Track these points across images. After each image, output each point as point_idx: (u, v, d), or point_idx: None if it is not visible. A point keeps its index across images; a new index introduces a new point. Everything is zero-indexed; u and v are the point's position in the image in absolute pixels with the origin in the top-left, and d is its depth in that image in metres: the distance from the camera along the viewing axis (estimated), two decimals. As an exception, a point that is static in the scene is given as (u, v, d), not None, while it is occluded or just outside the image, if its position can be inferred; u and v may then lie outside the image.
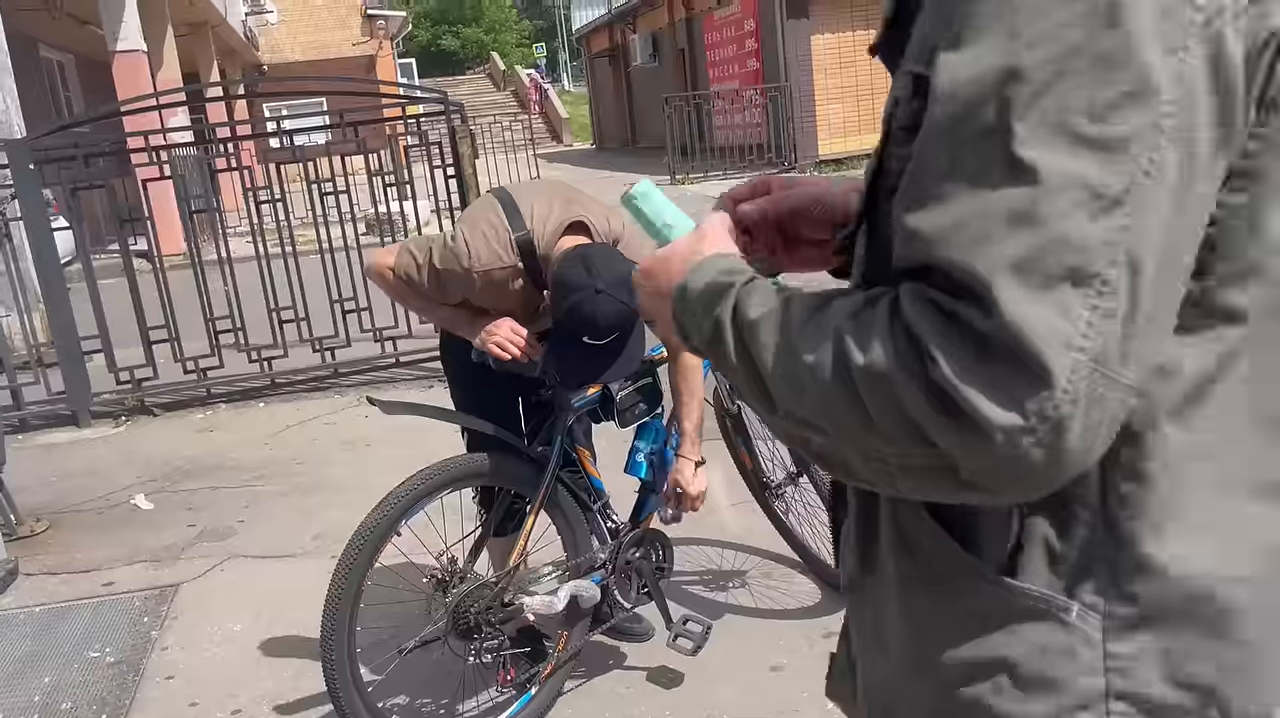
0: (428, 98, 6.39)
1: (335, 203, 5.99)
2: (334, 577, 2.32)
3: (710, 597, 3.25)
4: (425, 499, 2.42)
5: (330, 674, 2.31)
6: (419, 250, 2.51)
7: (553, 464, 2.57)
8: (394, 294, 2.69)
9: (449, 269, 2.46)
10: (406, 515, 2.38)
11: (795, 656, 2.88)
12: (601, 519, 2.76)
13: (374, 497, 2.43)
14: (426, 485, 2.42)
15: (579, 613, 2.65)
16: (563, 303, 2.32)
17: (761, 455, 3.29)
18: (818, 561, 3.28)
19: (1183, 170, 0.67)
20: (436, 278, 2.49)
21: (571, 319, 2.32)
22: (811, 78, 17.26)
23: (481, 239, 2.45)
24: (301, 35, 28.17)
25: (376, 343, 6.20)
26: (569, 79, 53.90)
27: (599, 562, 2.70)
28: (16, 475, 4.66)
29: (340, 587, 2.30)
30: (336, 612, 2.30)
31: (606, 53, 30.00)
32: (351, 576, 2.31)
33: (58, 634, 3.38)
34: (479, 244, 2.45)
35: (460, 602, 2.45)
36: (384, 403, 2.43)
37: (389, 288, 2.62)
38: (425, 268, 2.49)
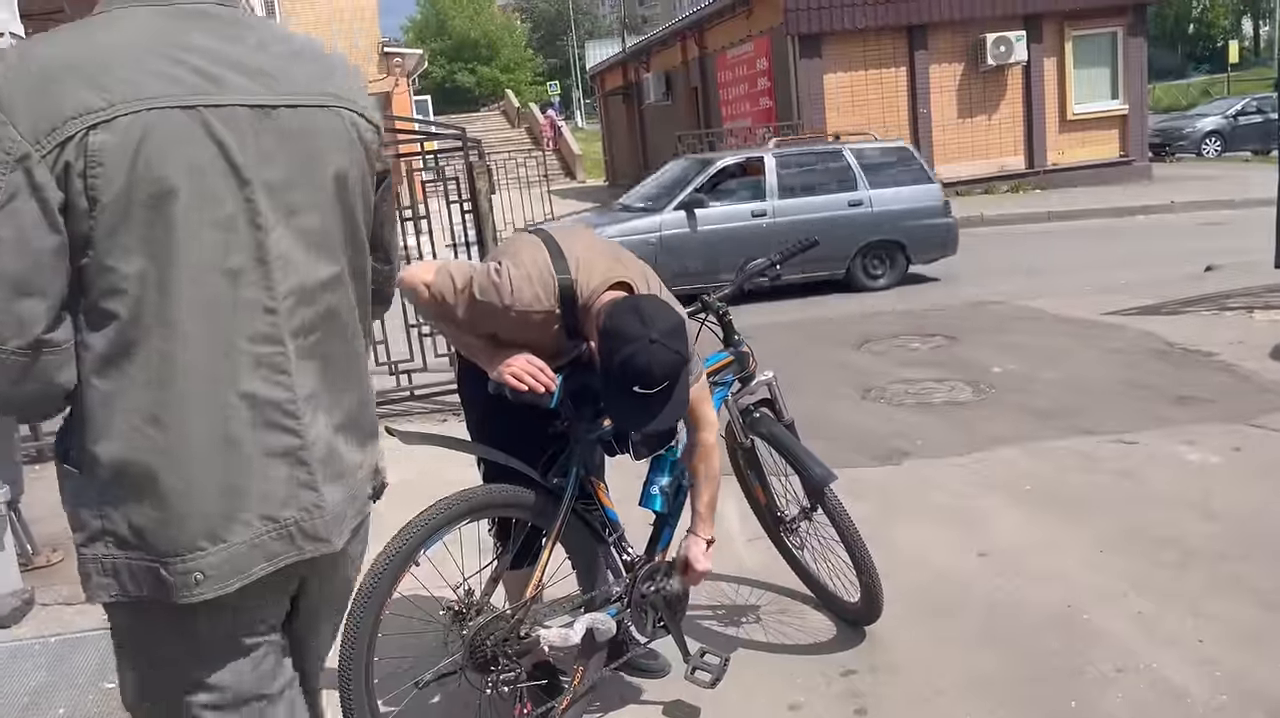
0: (445, 133, 6.46)
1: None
2: (352, 606, 2.32)
3: (726, 632, 3.24)
4: (444, 529, 2.43)
5: (348, 705, 2.31)
6: (459, 275, 2.50)
7: (568, 496, 2.57)
8: (422, 309, 2.67)
9: (487, 301, 2.45)
10: (425, 545, 2.38)
11: (813, 693, 2.86)
12: (617, 552, 2.76)
13: (389, 528, 2.44)
14: (445, 516, 2.42)
15: (595, 647, 2.64)
16: (616, 354, 2.31)
17: (774, 492, 3.29)
18: (832, 596, 3.26)
19: (19, 233, 1.23)
20: (471, 307, 2.48)
21: (625, 371, 2.30)
22: (824, 116, 17.36)
23: (524, 278, 2.44)
24: (319, 72, 28.51)
25: (391, 376, 6.22)
26: (582, 116, 54.36)
27: (614, 595, 2.70)
28: (33, 506, 4.67)
29: (359, 617, 2.30)
30: (355, 642, 2.30)
31: (620, 90, 30.26)
32: (370, 605, 2.31)
33: (73, 665, 3.37)
34: (522, 282, 2.44)
35: (477, 634, 2.45)
36: (403, 433, 2.44)
37: (420, 302, 2.60)
38: (462, 294, 2.48)
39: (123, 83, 1.27)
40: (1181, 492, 4.10)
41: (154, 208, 1.28)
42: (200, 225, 1.31)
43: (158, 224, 1.29)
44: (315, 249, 1.42)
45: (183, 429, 1.33)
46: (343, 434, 1.50)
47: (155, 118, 1.27)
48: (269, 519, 1.39)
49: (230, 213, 1.33)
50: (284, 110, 1.38)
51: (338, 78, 1.49)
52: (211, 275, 1.33)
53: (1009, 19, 17.61)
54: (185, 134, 1.30)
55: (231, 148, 1.33)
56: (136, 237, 1.28)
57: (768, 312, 8.34)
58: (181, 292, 1.31)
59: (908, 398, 5.86)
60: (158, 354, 1.32)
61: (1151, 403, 5.36)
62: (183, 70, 1.31)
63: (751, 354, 3.13)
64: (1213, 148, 24.61)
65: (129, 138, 1.26)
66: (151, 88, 1.28)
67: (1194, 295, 8.00)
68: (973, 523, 3.96)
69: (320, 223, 1.43)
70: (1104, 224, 14.07)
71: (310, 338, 1.43)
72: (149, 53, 1.30)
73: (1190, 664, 2.85)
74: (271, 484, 1.39)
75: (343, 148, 1.46)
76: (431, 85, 50.31)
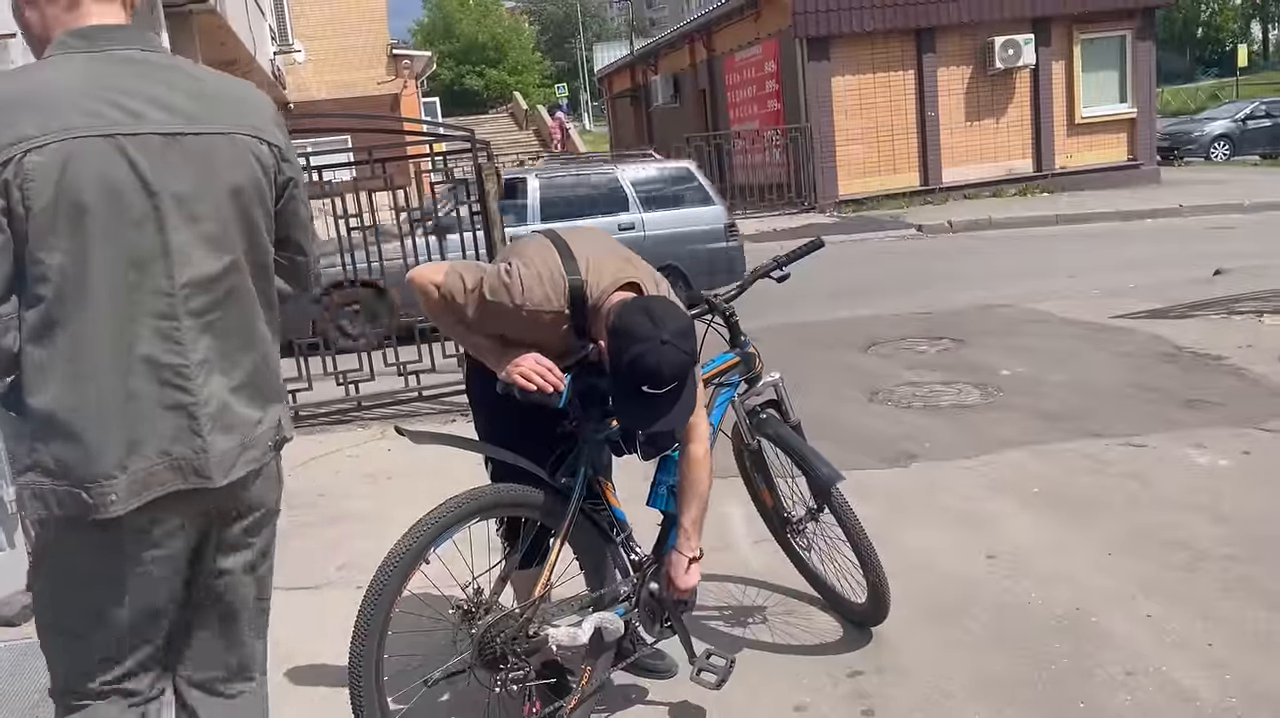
0: (454, 135, 6.48)
1: (362, 237, 6.05)
2: (363, 604, 2.33)
3: (732, 633, 3.24)
4: (454, 528, 2.44)
5: (357, 701, 2.32)
6: (469, 276, 2.51)
7: (576, 495, 2.58)
8: (432, 310, 2.65)
9: (497, 301, 2.46)
10: (435, 544, 2.39)
11: (819, 695, 2.86)
12: (624, 552, 2.76)
13: (397, 528, 2.45)
14: (455, 514, 2.43)
15: (603, 646, 2.65)
16: (625, 353, 2.32)
17: (780, 493, 3.29)
18: (839, 597, 3.26)
19: None
20: (481, 307, 2.49)
21: (634, 370, 2.31)
22: (832, 119, 17.38)
23: (535, 278, 2.45)
24: (328, 74, 28.55)
25: (400, 377, 6.24)
26: (590, 118, 54.40)
27: (622, 595, 2.70)
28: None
29: (369, 614, 2.31)
30: (365, 639, 2.31)
31: (628, 93, 30.28)
32: (381, 602, 2.32)
33: (82, 662, 3.39)
34: (532, 282, 2.45)
35: (486, 633, 2.45)
36: (412, 432, 2.45)
37: (428, 303, 2.60)
38: (472, 294, 2.49)
39: (55, 117, 1.63)
40: (1191, 495, 4.09)
41: (73, 216, 1.64)
42: (115, 227, 1.67)
43: (77, 228, 1.65)
44: (212, 246, 1.77)
45: (96, 386, 1.68)
46: (240, 394, 1.83)
47: (77, 145, 1.63)
48: (165, 454, 1.73)
49: (139, 218, 1.69)
50: (189, 137, 1.74)
51: (241, 109, 1.84)
52: (119, 267, 1.68)
53: (1017, 22, 17.61)
54: (103, 157, 1.66)
55: (142, 166, 1.68)
56: (60, 236, 1.64)
57: (774, 313, 8.34)
58: (94, 280, 1.66)
59: (915, 400, 5.85)
60: (75, 328, 1.67)
61: (1160, 406, 5.34)
62: (105, 106, 1.67)
63: (758, 355, 3.13)
64: (1221, 152, 24.56)
65: (55, 160, 1.62)
66: (77, 121, 1.64)
67: (1203, 299, 7.98)
68: (981, 525, 3.96)
69: (218, 226, 1.78)
70: (1112, 228, 14.05)
71: (206, 316, 1.77)
72: (80, 93, 1.67)
73: (1200, 667, 2.85)
74: (165, 429, 1.73)
75: (239, 166, 1.80)
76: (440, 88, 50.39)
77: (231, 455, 1.80)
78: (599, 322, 2.48)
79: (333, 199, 6.00)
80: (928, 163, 17.91)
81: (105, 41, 1.74)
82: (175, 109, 1.73)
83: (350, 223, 6.02)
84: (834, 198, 17.53)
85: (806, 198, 17.65)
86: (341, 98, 27.56)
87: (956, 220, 14.98)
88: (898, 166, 17.94)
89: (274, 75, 24.50)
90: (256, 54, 20.20)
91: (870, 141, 17.70)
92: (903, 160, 17.94)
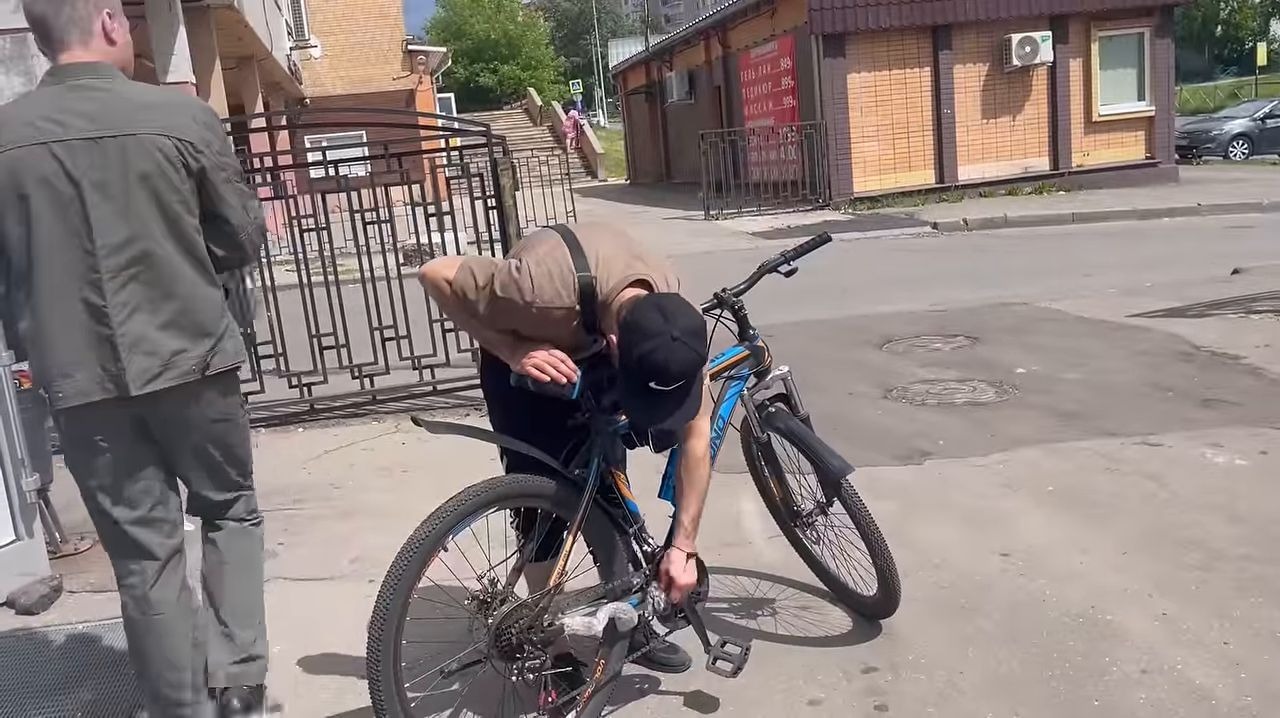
0: (470, 130, 6.49)
1: (378, 233, 6.08)
2: (382, 590, 2.35)
3: (746, 627, 3.25)
4: (471, 517, 2.46)
5: (376, 688, 2.33)
6: (480, 272, 2.53)
7: (589, 486, 2.60)
8: (444, 304, 2.68)
9: (508, 298, 2.48)
10: (453, 532, 2.41)
11: (833, 690, 2.87)
12: (637, 544, 2.77)
13: (411, 522, 2.46)
14: (472, 503, 2.46)
15: (617, 636, 2.66)
16: (634, 349, 2.32)
17: (789, 487, 3.29)
18: (849, 590, 3.27)
19: None
20: (492, 303, 2.51)
21: (643, 366, 2.32)
22: (847, 115, 17.33)
23: (545, 275, 2.46)
24: (343, 69, 28.66)
25: (415, 371, 6.26)
26: (604, 115, 54.41)
27: (635, 586, 2.71)
28: (61, 495, 4.73)
29: (388, 600, 2.33)
30: (384, 625, 2.33)
31: (643, 89, 30.26)
32: (400, 589, 2.34)
33: (99, 651, 3.42)
34: (542, 279, 2.46)
35: (502, 623, 2.47)
36: (429, 423, 2.48)
37: (441, 298, 2.63)
38: (484, 291, 2.51)
39: (11, 133, 2.33)
40: (1207, 494, 4.08)
41: (19, 203, 2.32)
42: (49, 208, 2.33)
43: (23, 211, 2.33)
44: (123, 218, 2.37)
45: (50, 321, 2.37)
46: (165, 329, 2.41)
47: (22, 152, 2.32)
48: (101, 370, 2.37)
49: (66, 200, 2.33)
50: (106, 139, 2.35)
51: (155, 115, 2.40)
52: (57, 236, 2.34)
53: (1034, 19, 17.51)
54: (38, 159, 2.32)
55: (67, 163, 2.33)
56: (13, 219, 2.34)
57: (787, 310, 8.33)
58: (39, 247, 2.34)
59: (929, 398, 5.84)
60: (32, 279, 2.35)
61: (1177, 405, 5.32)
62: (45, 122, 2.33)
63: (767, 349, 3.13)
64: (1240, 150, 24.40)
65: (5, 164, 2.31)
66: (23, 134, 2.32)
67: (1221, 298, 7.93)
68: (995, 523, 3.95)
69: (127, 203, 2.37)
70: (1129, 226, 13.98)
71: (128, 271, 2.38)
72: (32, 114, 2.35)
73: (1215, 666, 2.84)
74: (96, 353, 2.37)
75: (146, 159, 2.37)
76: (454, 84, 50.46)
77: (149, 374, 2.40)
78: (609, 317, 2.49)
79: (349, 194, 6.02)
80: (943, 160, 17.84)
81: (66, 75, 2.40)
82: (98, 120, 2.35)
83: (366, 217, 6.04)
84: (849, 195, 17.49)
85: (821, 195, 17.61)
86: (358, 93, 27.68)
87: (972, 218, 14.93)
88: (913, 164, 17.87)
89: (290, 70, 24.60)
90: (273, 49, 20.27)
91: (885, 139, 17.65)
92: (918, 158, 17.88)
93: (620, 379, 2.45)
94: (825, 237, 3.32)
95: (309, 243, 6.14)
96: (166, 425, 2.50)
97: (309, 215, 6.17)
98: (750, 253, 13.34)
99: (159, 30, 11.93)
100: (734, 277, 3.22)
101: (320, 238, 6.10)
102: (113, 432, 2.46)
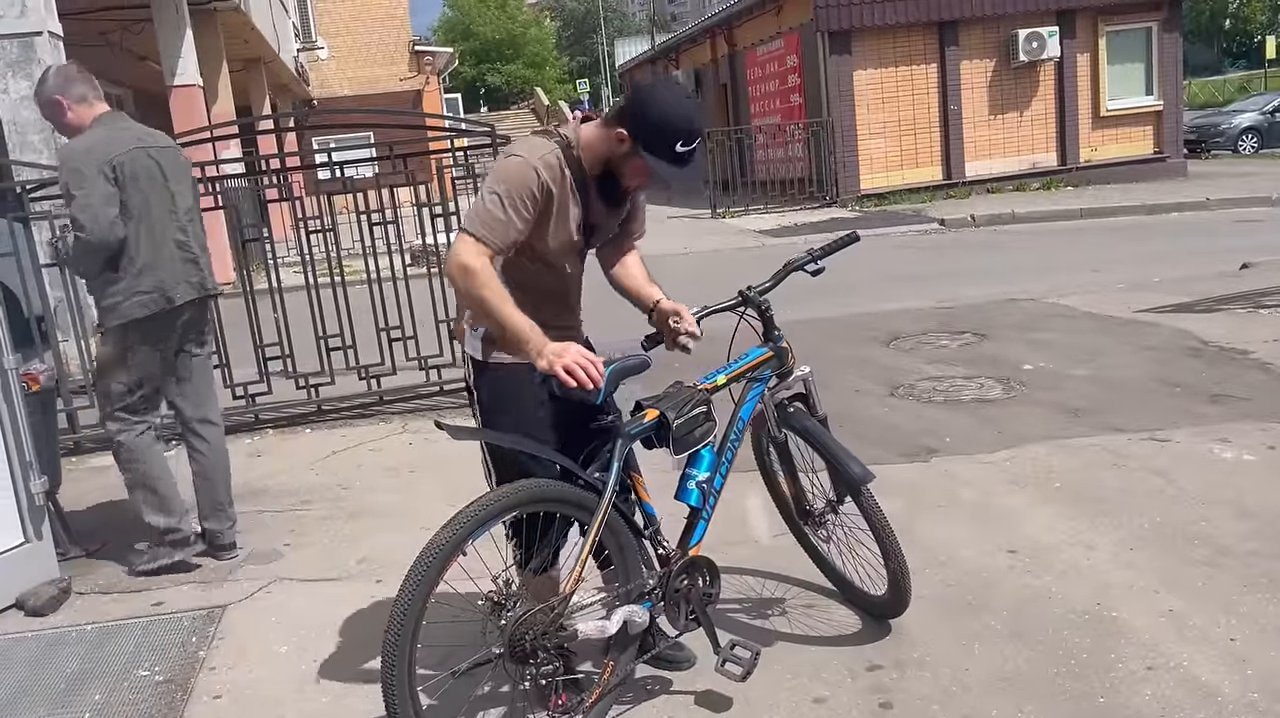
0: (476, 130, 6.49)
1: (384, 234, 6.09)
2: (400, 593, 2.35)
3: (753, 625, 3.25)
4: (492, 521, 2.46)
5: (390, 690, 2.34)
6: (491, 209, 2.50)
7: (610, 489, 2.58)
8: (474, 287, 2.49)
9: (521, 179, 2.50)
10: (473, 536, 2.41)
11: (839, 688, 2.87)
12: (653, 546, 2.77)
13: (418, 522, 2.47)
14: (495, 508, 2.46)
15: (628, 639, 2.66)
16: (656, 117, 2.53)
17: (802, 486, 3.29)
18: (857, 589, 3.26)
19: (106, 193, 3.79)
20: (516, 203, 2.49)
21: (672, 127, 2.53)
22: (854, 113, 17.30)
23: (525, 147, 2.58)
24: (350, 70, 28.72)
25: (421, 371, 6.27)
26: (611, 114, 54.27)
27: (649, 588, 2.71)
28: (71, 497, 4.76)
29: (407, 603, 2.33)
30: (401, 628, 2.33)
31: (649, 88, 30.21)
32: (419, 592, 2.34)
33: (108, 653, 3.44)
34: (526, 147, 2.57)
35: (517, 626, 2.47)
36: (451, 428, 2.45)
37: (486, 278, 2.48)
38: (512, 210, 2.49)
39: (121, 145, 3.82)
40: (1214, 490, 4.06)
41: (138, 184, 3.82)
42: (151, 186, 3.86)
43: (142, 188, 3.83)
44: (185, 196, 4.01)
45: (160, 255, 3.85)
46: (204, 263, 4.03)
47: (133, 153, 3.84)
48: (191, 282, 3.95)
49: (160, 182, 3.90)
50: (167, 148, 4.01)
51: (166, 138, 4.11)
52: (158, 202, 3.88)
53: (1041, 14, 17.46)
54: (142, 156, 3.87)
55: (158, 159, 3.91)
56: (133, 193, 3.80)
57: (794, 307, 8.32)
58: (150, 209, 3.84)
59: (936, 395, 5.83)
60: (144, 227, 3.82)
61: (1185, 401, 5.30)
62: (131, 137, 3.89)
63: (790, 350, 3.12)
64: (1249, 144, 24.28)
65: (125, 160, 3.80)
66: (127, 142, 3.85)
67: (1229, 293, 7.90)
68: (1001, 520, 3.94)
69: (186, 187, 4.05)
70: (1137, 221, 13.93)
71: (193, 226, 4.01)
72: (120, 135, 3.87)
73: (1221, 663, 2.83)
74: (188, 271, 3.94)
75: (184, 158, 4.11)
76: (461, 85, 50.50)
77: (210, 284, 4.05)
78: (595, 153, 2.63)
79: (355, 195, 6.03)
80: (950, 157, 17.80)
81: (115, 118, 3.96)
82: (154, 136, 4.03)
83: (372, 219, 6.05)
84: (856, 192, 17.46)
85: (828, 192, 17.59)
86: (365, 94, 27.74)
87: (979, 214, 14.89)
88: (920, 160, 17.84)
89: (297, 72, 24.64)
90: (280, 51, 20.32)
91: (892, 135, 17.61)
92: (925, 154, 17.84)
93: (648, 164, 2.57)
94: (854, 236, 3.29)
95: (316, 244, 6.15)
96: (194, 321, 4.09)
97: (315, 217, 6.19)
98: (758, 251, 13.33)
99: (166, 33, 11.97)
100: (743, 275, 3.22)
101: (327, 239, 6.11)
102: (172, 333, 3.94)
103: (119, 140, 3.78)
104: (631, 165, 2.61)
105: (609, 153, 2.62)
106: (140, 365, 3.86)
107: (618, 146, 2.59)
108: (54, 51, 7.67)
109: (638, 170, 2.63)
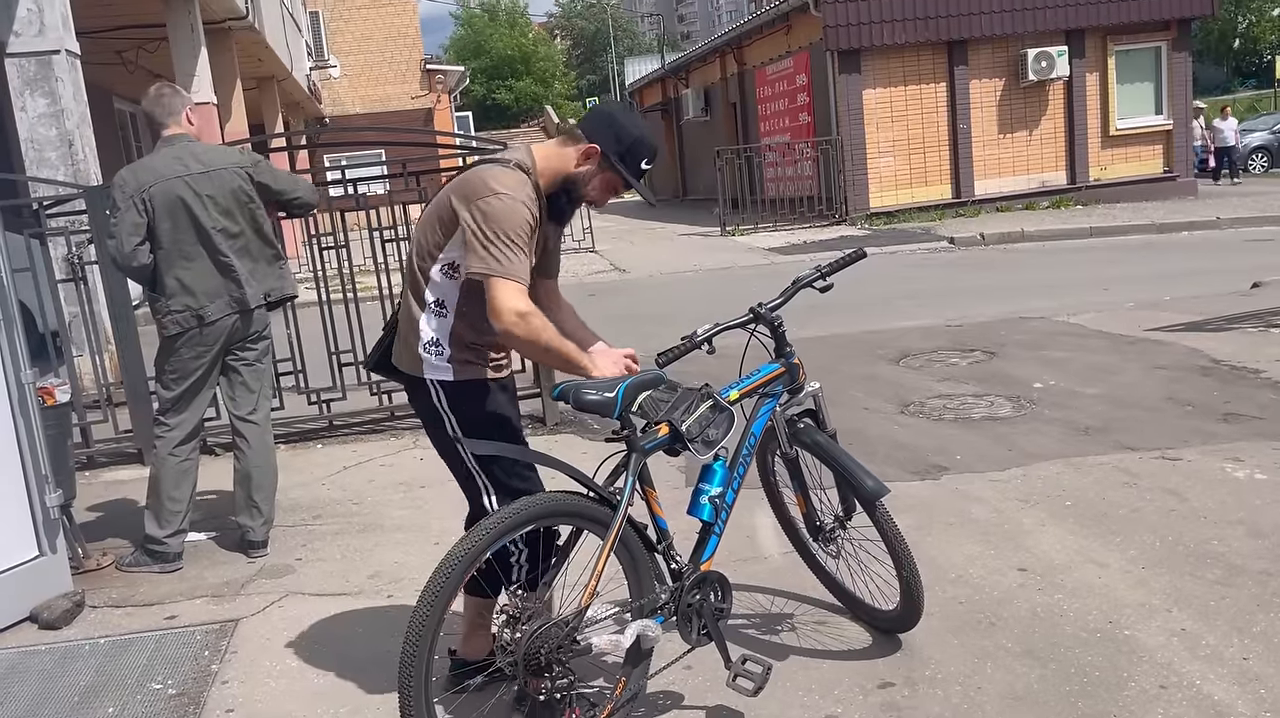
0: (487, 148, 6.53)
1: (396, 250, 6.12)
2: (419, 605, 2.37)
3: (764, 641, 3.25)
4: (509, 534, 2.49)
5: (407, 702, 2.35)
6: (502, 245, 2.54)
7: (624, 503, 2.60)
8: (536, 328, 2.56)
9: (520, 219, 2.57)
10: (490, 548, 2.43)
11: (850, 705, 2.86)
12: (665, 560, 2.78)
13: (430, 537, 2.49)
14: (512, 521, 2.48)
15: (640, 654, 2.67)
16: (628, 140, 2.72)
17: (812, 503, 3.29)
18: (864, 605, 3.26)
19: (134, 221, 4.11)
20: (522, 241, 2.56)
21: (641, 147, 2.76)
22: (863, 131, 17.36)
23: (503, 183, 2.61)
24: (362, 89, 28.90)
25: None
26: (621, 132, 54.45)
27: (661, 602, 2.72)
28: (84, 511, 4.78)
29: (425, 615, 2.35)
30: (419, 641, 2.34)
31: (659, 106, 30.38)
32: (437, 604, 2.36)
33: (121, 666, 3.45)
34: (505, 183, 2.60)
35: (532, 640, 2.48)
36: (469, 443, 2.49)
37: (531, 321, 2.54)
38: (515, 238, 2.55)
39: (154, 175, 4.08)
40: (1226, 509, 4.05)
41: (170, 214, 4.07)
42: (186, 211, 4.07)
43: (172, 217, 4.07)
44: (226, 215, 4.14)
45: (191, 278, 4.11)
46: (254, 275, 4.23)
47: (167, 184, 4.06)
48: (229, 298, 4.17)
49: (197, 208, 4.08)
50: (211, 172, 4.12)
51: (230, 156, 4.26)
52: (191, 233, 4.10)
53: (1050, 34, 17.52)
54: (176, 186, 4.06)
55: (195, 185, 4.08)
56: (163, 220, 4.06)
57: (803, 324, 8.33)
58: (181, 238, 4.09)
59: (946, 412, 5.83)
60: (178, 254, 4.10)
61: (1196, 419, 5.29)
62: (177, 164, 4.09)
63: (801, 367, 3.14)
64: (1260, 164, 24.25)
65: (159, 190, 4.05)
66: (165, 173, 4.07)
67: (1240, 312, 7.89)
68: (1012, 538, 3.94)
69: (229, 207, 4.15)
70: (1147, 240, 13.92)
71: (236, 243, 4.18)
72: (163, 163, 4.10)
73: (1234, 682, 2.82)
74: (227, 287, 4.16)
75: (236, 180, 4.16)
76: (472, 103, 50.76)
77: (254, 298, 4.20)
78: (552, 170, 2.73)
79: (367, 212, 6.07)
80: (959, 175, 17.83)
81: (174, 140, 4.16)
82: (203, 161, 4.14)
83: (384, 235, 6.09)
84: (865, 210, 17.49)
85: (838, 210, 17.63)
86: (376, 112, 27.91)
87: (989, 233, 14.90)
88: (929, 179, 17.87)
89: (310, 90, 24.80)
90: (293, 69, 20.47)
91: (902, 154, 17.66)
92: (934, 173, 17.88)
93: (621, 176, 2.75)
94: (861, 252, 3.31)
95: (328, 261, 6.19)
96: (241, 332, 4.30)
97: (328, 234, 6.23)
98: (767, 268, 13.35)
99: (181, 52, 12.07)
100: (752, 292, 3.24)
101: (339, 256, 6.15)
102: (217, 342, 4.19)
103: (162, 169, 4.04)
104: (601, 179, 2.75)
105: (568, 170, 2.72)
106: (179, 370, 4.19)
107: (584, 162, 2.71)
108: (71, 70, 7.75)
109: (607, 184, 2.78)
